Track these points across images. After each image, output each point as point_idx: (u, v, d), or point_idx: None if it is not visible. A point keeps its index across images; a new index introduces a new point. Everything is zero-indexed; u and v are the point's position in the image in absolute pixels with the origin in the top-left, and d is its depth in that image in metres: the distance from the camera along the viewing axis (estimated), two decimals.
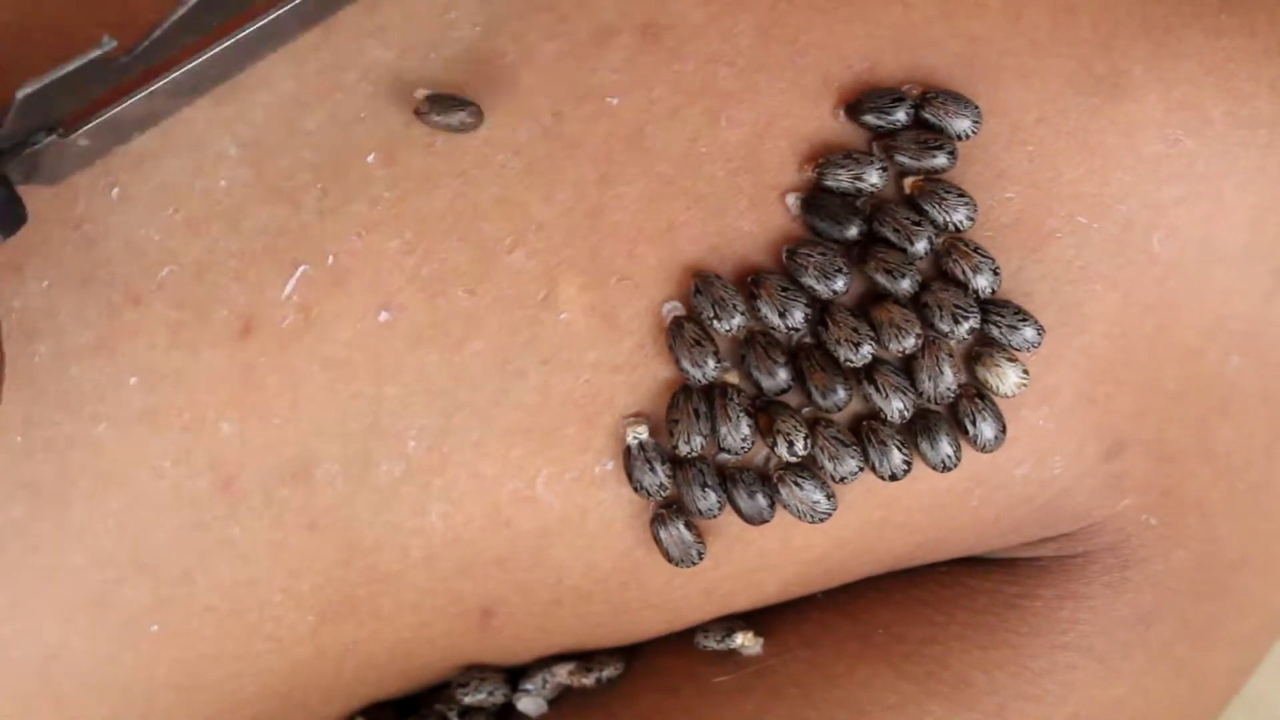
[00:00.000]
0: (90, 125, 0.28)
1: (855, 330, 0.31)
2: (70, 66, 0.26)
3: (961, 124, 0.32)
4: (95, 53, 0.26)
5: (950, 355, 0.32)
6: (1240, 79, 0.33)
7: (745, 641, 0.35)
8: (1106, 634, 0.34)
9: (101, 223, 0.31)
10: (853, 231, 0.31)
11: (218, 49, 0.29)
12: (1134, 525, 0.34)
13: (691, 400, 0.31)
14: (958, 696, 0.34)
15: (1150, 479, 0.34)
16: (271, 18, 0.29)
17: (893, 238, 0.32)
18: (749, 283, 0.31)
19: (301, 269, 0.31)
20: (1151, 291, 0.33)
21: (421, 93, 0.31)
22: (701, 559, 0.32)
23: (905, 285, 0.31)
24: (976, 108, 0.32)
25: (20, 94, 0.26)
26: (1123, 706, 0.35)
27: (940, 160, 0.32)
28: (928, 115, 0.32)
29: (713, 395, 0.31)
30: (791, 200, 0.32)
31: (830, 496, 0.32)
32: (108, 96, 0.28)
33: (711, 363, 0.31)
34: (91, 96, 0.27)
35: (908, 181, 0.32)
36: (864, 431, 0.32)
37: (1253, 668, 0.38)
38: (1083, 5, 0.33)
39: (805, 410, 0.32)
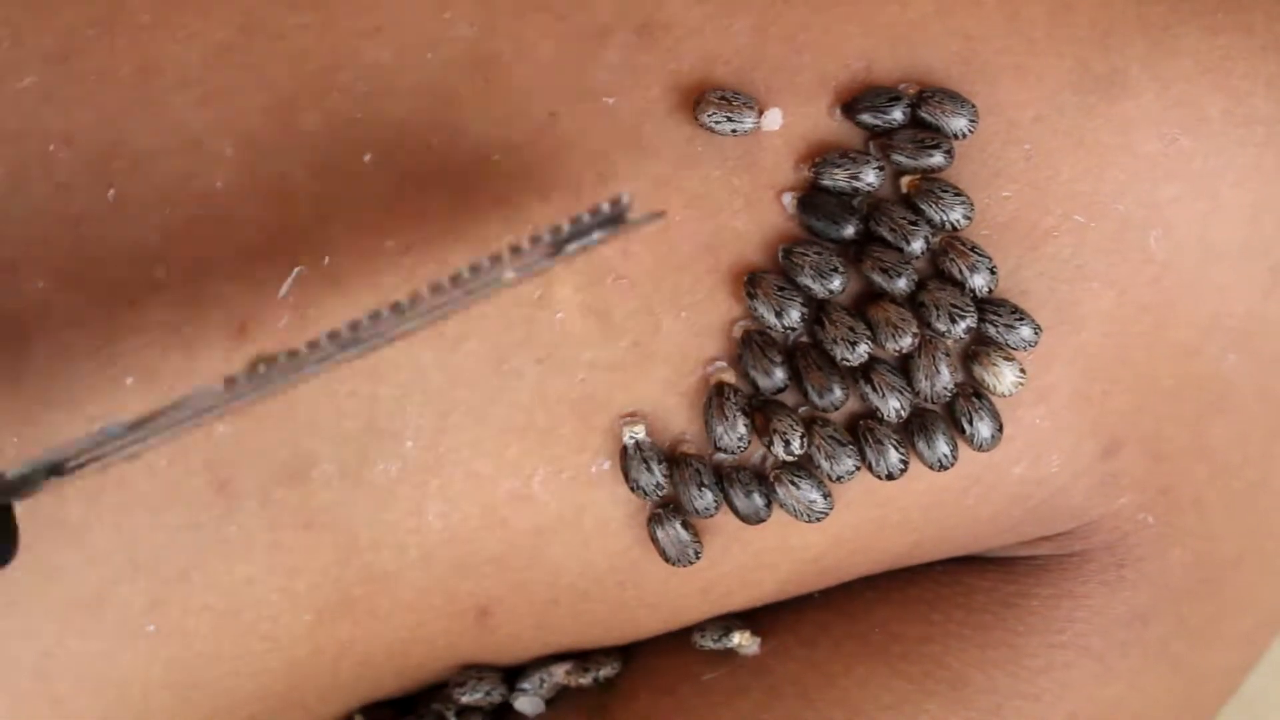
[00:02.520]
0: (89, 468, 0.28)
1: (852, 329, 0.31)
2: (69, 449, 0.27)
3: (958, 123, 0.32)
4: (96, 437, 0.27)
5: (947, 354, 0.32)
6: (1237, 76, 0.33)
7: (743, 641, 0.35)
8: (1103, 632, 0.34)
9: (98, 223, 0.31)
10: (849, 231, 0.31)
11: (215, 411, 0.28)
12: (1131, 524, 0.34)
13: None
14: (954, 695, 0.34)
15: (1147, 477, 0.34)
16: (286, 382, 0.28)
17: (889, 237, 0.32)
18: (745, 282, 0.31)
19: (297, 269, 0.31)
20: (1148, 290, 0.33)
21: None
22: (698, 558, 0.32)
23: (902, 284, 0.31)
24: (973, 106, 0.32)
25: (11, 475, 0.27)
26: (1120, 705, 0.35)
27: (937, 159, 0.32)
28: (924, 114, 0.32)
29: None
30: (788, 199, 0.32)
31: (827, 496, 0.32)
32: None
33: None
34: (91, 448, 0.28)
35: (904, 180, 0.32)
36: (861, 431, 0.32)
37: (1250, 666, 0.38)
38: (1080, 3, 0.33)
39: (802, 409, 0.32)
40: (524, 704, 0.36)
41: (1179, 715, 0.36)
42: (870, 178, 0.31)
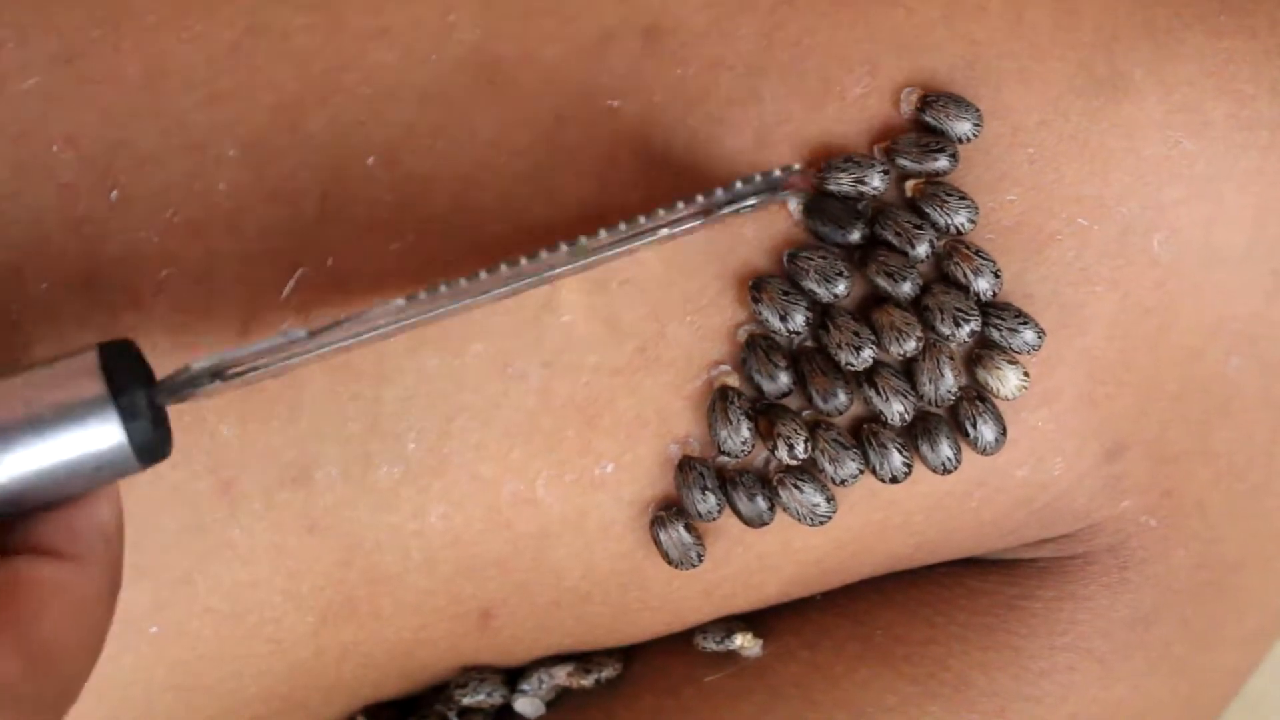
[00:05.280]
0: (251, 375, 0.28)
1: (856, 334, 0.31)
2: (250, 349, 0.27)
3: (963, 127, 0.32)
4: (278, 340, 0.27)
5: (951, 358, 0.32)
6: (1241, 81, 0.33)
7: (745, 643, 0.35)
8: (1106, 635, 0.34)
9: (101, 225, 0.31)
10: (854, 235, 0.31)
11: (391, 326, 0.28)
12: (1134, 526, 0.34)
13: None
14: (957, 697, 0.34)
15: (1151, 480, 0.34)
16: (457, 306, 0.28)
17: (894, 241, 0.32)
18: (750, 286, 0.31)
19: (301, 271, 0.31)
20: (1152, 293, 0.33)
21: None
22: (701, 561, 0.32)
23: (906, 288, 0.31)
24: (978, 110, 0.32)
25: (196, 366, 0.26)
26: (1122, 707, 0.35)
27: (941, 163, 0.32)
28: (929, 118, 0.32)
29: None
30: (793, 204, 0.32)
31: (830, 499, 0.32)
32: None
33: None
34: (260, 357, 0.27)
35: (909, 184, 0.32)
36: (864, 434, 0.32)
37: (1253, 668, 0.38)
38: (1083, 7, 0.33)
39: (806, 413, 0.32)
40: (524, 705, 0.36)
41: (1181, 717, 0.36)
42: (875, 182, 0.31)
